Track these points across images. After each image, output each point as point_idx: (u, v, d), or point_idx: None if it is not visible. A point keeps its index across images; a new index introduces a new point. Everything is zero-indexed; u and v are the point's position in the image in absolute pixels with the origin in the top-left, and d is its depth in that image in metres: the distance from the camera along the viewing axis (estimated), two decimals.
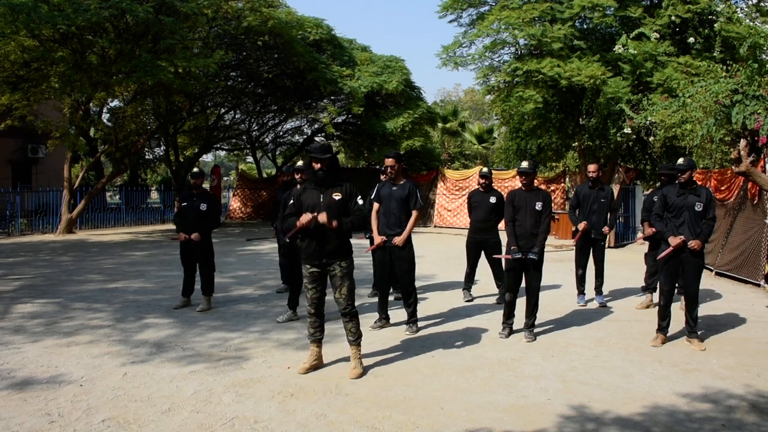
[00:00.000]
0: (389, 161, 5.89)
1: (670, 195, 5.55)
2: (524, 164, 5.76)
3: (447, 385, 4.40)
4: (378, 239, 5.85)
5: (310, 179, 4.68)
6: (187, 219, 6.81)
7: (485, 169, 7.49)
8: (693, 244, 5.36)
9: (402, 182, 5.93)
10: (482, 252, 7.46)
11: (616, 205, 7.47)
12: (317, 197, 4.52)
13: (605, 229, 7.20)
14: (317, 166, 4.47)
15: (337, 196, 4.50)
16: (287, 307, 6.43)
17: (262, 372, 4.64)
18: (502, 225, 6.59)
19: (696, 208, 5.41)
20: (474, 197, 7.45)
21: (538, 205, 5.63)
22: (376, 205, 5.98)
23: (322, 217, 4.36)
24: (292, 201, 4.66)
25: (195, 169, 7.08)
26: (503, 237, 6.62)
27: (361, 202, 4.58)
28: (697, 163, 10.92)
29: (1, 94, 13.78)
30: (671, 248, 5.43)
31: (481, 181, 7.36)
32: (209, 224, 6.86)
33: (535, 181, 6.01)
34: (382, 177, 6.51)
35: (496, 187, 7.69)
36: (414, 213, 5.86)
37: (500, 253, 7.04)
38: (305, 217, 4.36)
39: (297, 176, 6.04)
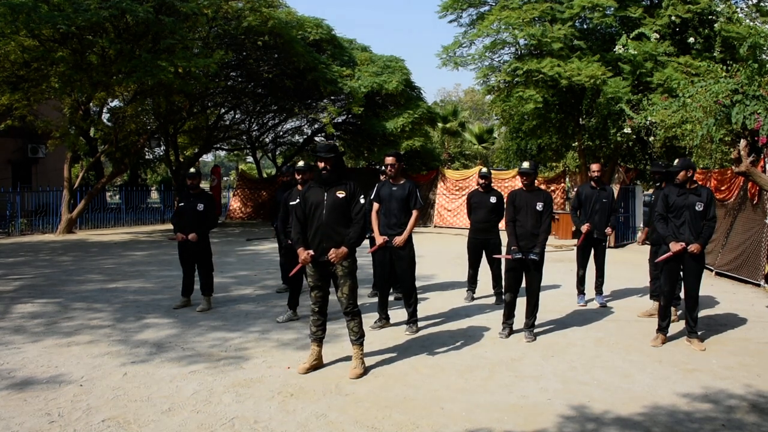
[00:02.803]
0: (389, 160, 5.88)
1: (671, 195, 5.56)
2: (525, 164, 5.76)
3: (447, 385, 4.40)
4: (379, 239, 5.85)
5: (315, 178, 4.70)
6: (184, 219, 6.81)
7: (484, 170, 7.47)
8: (693, 248, 5.36)
9: (402, 182, 5.92)
10: (483, 253, 7.45)
11: (616, 205, 7.45)
12: (321, 195, 4.55)
13: (608, 229, 7.18)
14: (322, 164, 4.51)
15: (341, 194, 4.53)
16: (287, 307, 6.43)
17: (262, 372, 4.64)
18: (502, 225, 6.59)
19: (696, 208, 5.41)
20: (474, 198, 7.43)
21: (539, 206, 5.63)
22: (376, 205, 5.98)
23: (332, 257, 4.45)
24: (297, 201, 4.66)
25: (192, 170, 7.08)
26: (504, 237, 6.65)
27: (363, 201, 4.58)
28: (697, 163, 10.93)
29: (1, 94, 13.79)
30: (671, 253, 5.44)
31: (481, 181, 7.34)
32: (206, 224, 6.86)
33: (536, 181, 6.01)
34: (382, 177, 6.50)
35: (495, 187, 7.68)
36: (414, 212, 5.85)
37: (501, 253, 7.05)
38: (304, 257, 4.50)
39: (297, 176, 6.03)
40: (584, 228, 7.14)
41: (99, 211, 18.86)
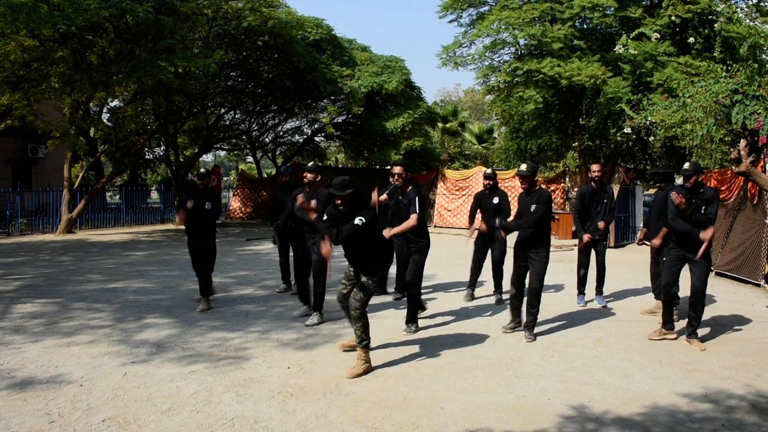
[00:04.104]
0: (397, 170, 5.94)
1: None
2: (523, 167, 5.79)
3: (447, 385, 4.40)
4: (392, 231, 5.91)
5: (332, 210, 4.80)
6: (194, 218, 6.78)
7: (489, 171, 7.53)
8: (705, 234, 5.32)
9: (409, 190, 6.02)
10: (489, 250, 7.50)
11: (614, 204, 7.45)
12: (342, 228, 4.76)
13: (600, 223, 7.16)
14: (338, 201, 4.64)
15: (357, 221, 4.64)
16: (307, 308, 6.44)
17: (262, 372, 4.65)
18: None
19: (702, 211, 5.44)
20: (479, 198, 7.56)
21: (533, 208, 5.66)
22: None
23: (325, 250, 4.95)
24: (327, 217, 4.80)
25: (202, 170, 7.13)
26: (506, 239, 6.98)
27: (359, 222, 4.54)
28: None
29: (1, 94, 13.78)
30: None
31: (485, 182, 7.40)
32: (213, 222, 6.96)
33: (537, 181, 6.03)
34: (391, 179, 6.57)
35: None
36: (412, 216, 5.82)
37: (504, 254, 7.17)
38: (325, 249, 4.99)
39: (307, 177, 6.20)
40: (585, 238, 7.13)
41: (99, 211, 18.86)
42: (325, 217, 4.77)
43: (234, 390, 4.25)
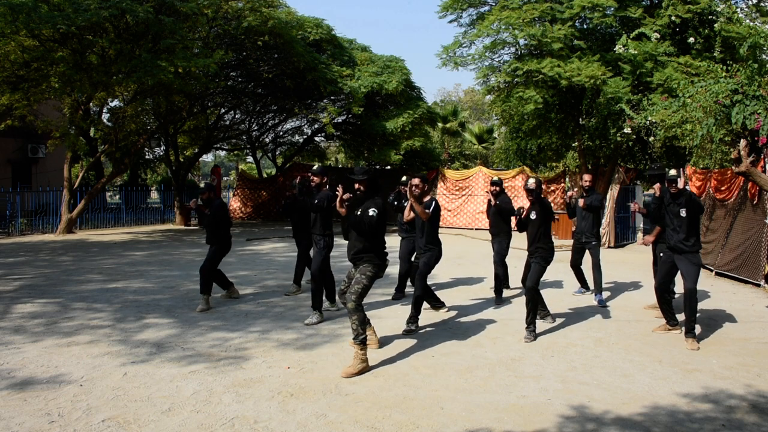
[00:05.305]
0: (415, 181, 6.02)
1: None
2: (531, 181, 6.12)
3: (447, 385, 4.40)
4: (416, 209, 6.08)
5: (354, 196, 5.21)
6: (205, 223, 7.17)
7: (495, 178, 7.76)
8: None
9: (426, 200, 6.14)
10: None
11: (594, 208, 7.58)
12: (357, 211, 5.07)
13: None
14: (357, 186, 5.08)
15: (372, 212, 4.92)
16: (317, 312, 6.42)
17: (262, 372, 4.65)
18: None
19: (682, 215, 5.60)
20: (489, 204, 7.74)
21: (533, 215, 6.10)
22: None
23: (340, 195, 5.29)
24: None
25: (202, 184, 7.27)
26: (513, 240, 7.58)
27: (372, 213, 4.86)
28: (697, 163, 10.93)
29: (1, 94, 13.77)
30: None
31: (491, 188, 7.55)
32: (215, 227, 7.11)
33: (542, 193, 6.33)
34: (402, 189, 6.72)
35: (494, 189, 7.71)
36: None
37: (506, 255, 7.57)
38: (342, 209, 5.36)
39: (314, 180, 6.56)
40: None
41: (99, 211, 18.84)
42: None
43: (234, 390, 4.25)
